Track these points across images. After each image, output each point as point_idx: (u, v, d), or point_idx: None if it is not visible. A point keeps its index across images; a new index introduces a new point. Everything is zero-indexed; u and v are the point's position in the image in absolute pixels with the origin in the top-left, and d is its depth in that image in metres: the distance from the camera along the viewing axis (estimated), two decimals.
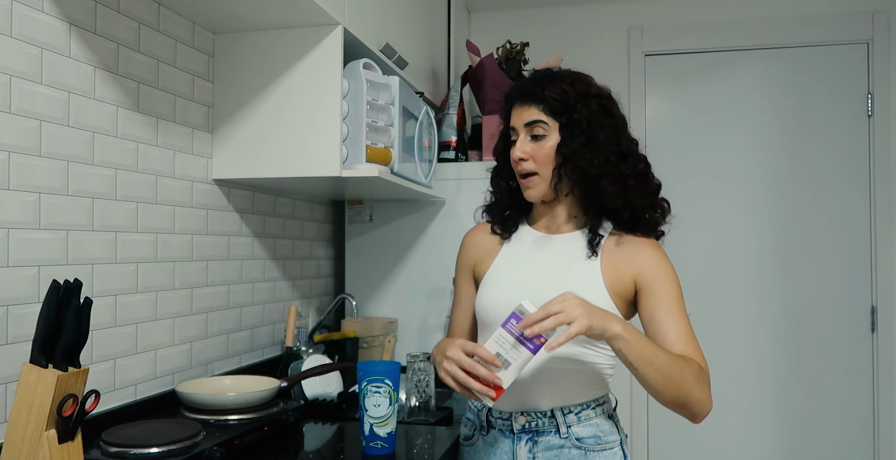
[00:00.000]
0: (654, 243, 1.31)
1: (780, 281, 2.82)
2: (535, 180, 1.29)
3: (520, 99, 1.31)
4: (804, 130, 2.82)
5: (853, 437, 2.74)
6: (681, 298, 1.26)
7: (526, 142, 1.29)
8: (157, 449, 1.14)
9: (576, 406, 1.28)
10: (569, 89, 1.27)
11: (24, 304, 1.17)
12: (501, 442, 1.30)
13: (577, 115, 1.26)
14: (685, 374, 1.14)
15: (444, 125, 2.32)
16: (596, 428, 1.28)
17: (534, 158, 1.29)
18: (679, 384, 1.14)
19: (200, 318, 1.66)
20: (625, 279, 1.27)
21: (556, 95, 1.27)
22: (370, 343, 2.16)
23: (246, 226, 1.85)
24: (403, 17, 2.08)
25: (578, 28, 3.03)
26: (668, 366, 1.13)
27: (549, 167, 1.28)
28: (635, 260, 1.28)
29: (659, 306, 1.24)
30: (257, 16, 1.57)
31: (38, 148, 1.19)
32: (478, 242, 1.43)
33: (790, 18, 2.83)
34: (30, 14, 1.17)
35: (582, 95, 1.28)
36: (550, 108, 1.28)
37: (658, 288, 1.25)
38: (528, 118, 1.29)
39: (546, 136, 1.28)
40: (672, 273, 1.28)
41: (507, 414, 1.30)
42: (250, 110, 1.66)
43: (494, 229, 1.41)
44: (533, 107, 1.29)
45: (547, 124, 1.28)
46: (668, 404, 1.18)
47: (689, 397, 1.15)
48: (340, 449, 1.42)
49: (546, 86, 1.28)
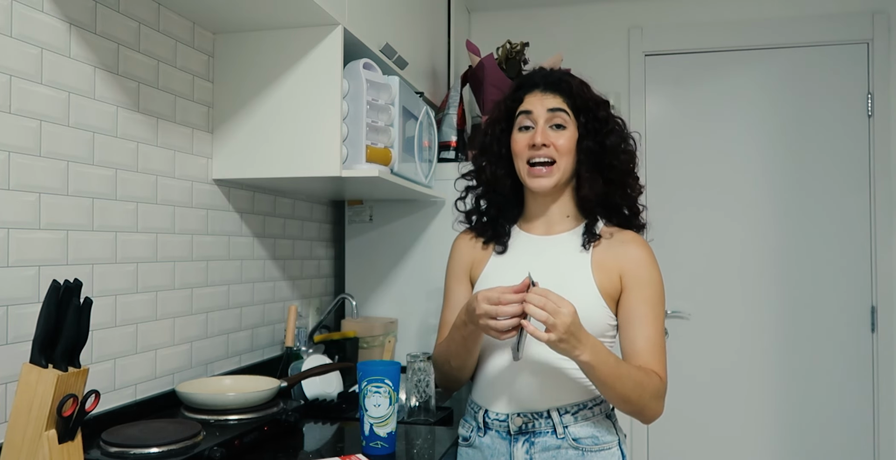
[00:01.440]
0: (642, 241, 1.32)
1: (779, 281, 2.82)
2: (553, 169, 1.28)
3: (544, 86, 1.30)
4: (804, 130, 2.82)
5: (853, 437, 2.74)
6: (659, 304, 1.28)
7: (547, 128, 1.28)
8: (157, 449, 1.14)
9: (572, 406, 1.28)
10: (587, 90, 1.30)
11: (24, 304, 1.17)
12: (499, 443, 1.30)
13: (594, 117, 1.29)
14: (643, 395, 1.21)
15: (444, 125, 2.32)
16: (593, 429, 1.28)
17: (555, 147, 1.27)
18: (636, 402, 1.21)
19: (200, 318, 1.66)
20: (612, 276, 1.28)
21: (581, 93, 1.29)
22: (370, 343, 2.16)
23: (246, 226, 1.85)
24: (403, 17, 2.08)
25: (578, 28, 3.03)
26: (629, 389, 1.19)
27: (567, 159, 1.28)
28: (622, 258, 1.29)
29: (635, 311, 1.26)
30: (257, 16, 1.56)
31: (38, 148, 1.19)
32: (472, 245, 1.42)
33: (790, 18, 2.83)
34: (30, 14, 1.17)
35: (597, 100, 1.31)
36: (574, 103, 1.28)
37: (638, 291, 1.27)
38: (551, 105, 1.28)
39: (566, 128, 1.28)
40: (656, 276, 1.29)
41: (503, 415, 1.30)
42: (250, 110, 1.66)
43: (490, 245, 1.39)
44: (558, 96, 1.29)
45: (568, 116, 1.28)
46: (620, 410, 1.26)
47: (643, 411, 1.23)
48: (340, 449, 1.41)
49: (570, 79, 1.30)
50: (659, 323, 1.27)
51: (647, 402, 1.22)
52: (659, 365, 1.25)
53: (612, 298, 1.29)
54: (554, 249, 1.33)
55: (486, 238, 1.40)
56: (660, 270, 1.30)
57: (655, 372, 1.24)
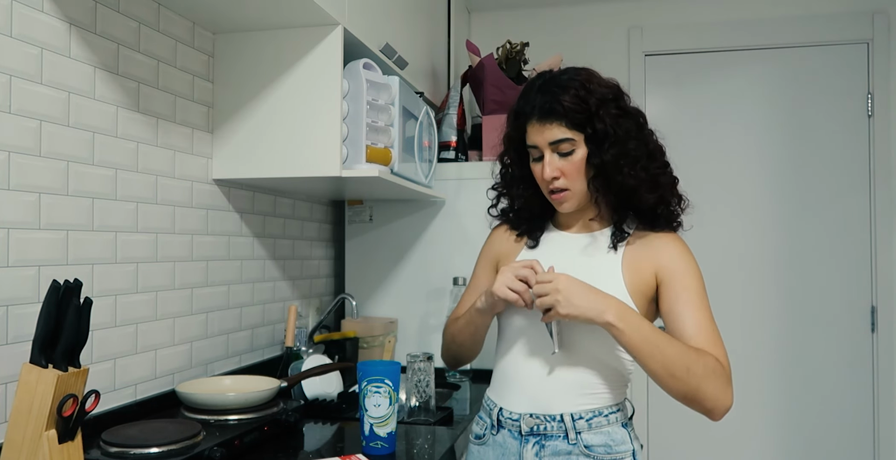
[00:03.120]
0: (676, 237, 1.30)
1: (779, 281, 2.82)
2: (568, 195, 1.27)
3: (538, 116, 1.25)
4: (804, 130, 2.82)
5: (853, 437, 2.74)
6: (702, 291, 1.24)
7: (554, 159, 1.25)
8: (157, 449, 1.14)
9: (588, 412, 1.24)
10: (585, 95, 1.22)
11: (24, 304, 1.17)
12: (510, 443, 1.29)
13: (600, 124, 1.22)
14: (693, 368, 1.12)
15: (444, 125, 2.32)
16: (607, 437, 1.24)
17: (564, 175, 1.25)
18: (684, 378, 1.12)
19: (200, 318, 1.66)
20: (646, 276, 1.25)
21: (576, 106, 1.22)
22: (370, 343, 2.16)
23: (246, 226, 1.85)
24: (403, 17, 2.08)
25: (578, 28, 3.03)
26: (673, 359, 1.12)
27: (580, 180, 1.26)
28: (657, 255, 1.26)
29: (678, 299, 1.22)
30: (257, 16, 1.56)
31: (38, 148, 1.19)
32: (506, 238, 1.43)
33: (790, 18, 2.83)
34: (30, 14, 1.17)
35: (600, 101, 1.23)
36: (573, 122, 1.23)
37: (678, 281, 1.23)
38: (552, 137, 1.24)
39: (574, 151, 1.24)
40: (693, 266, 1.26)
41: (517, 414, 1.28)
42: (250, 110, 1.66)
43: (523, 238, 1.40)
44: (555, 124, 1.23)
45: (574, 140, 1.24)
46: (677, 398, 1.17)
47: (698, 392, 1.13)
48: (340, 449, 1.41)
49: (561, 97, 1.22)
50: (707, 309, 1.22)
51: (700, 381, 1.12)
52: (716, 348, 1.17)
53: (645, 296, 1.25)
54: (584, 247, 1.32)
55: (520, 231, 1.41)
56: (697, 263, 1.26)
57: (711, 354, 1.16)
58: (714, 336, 1.20)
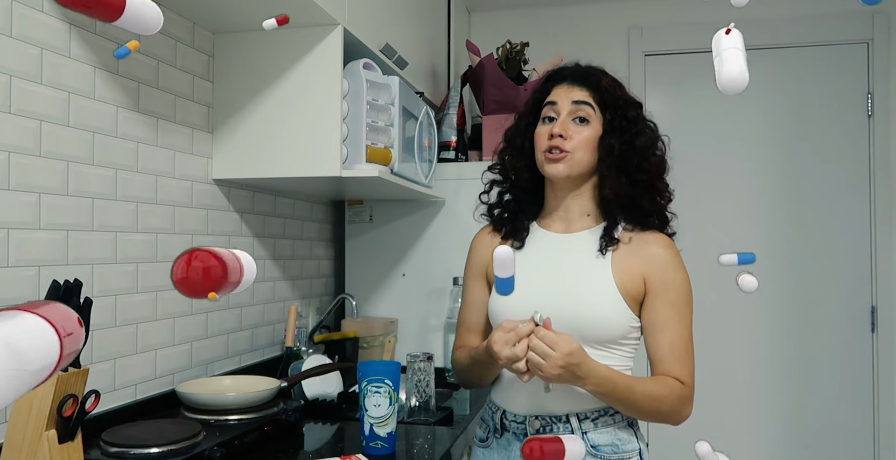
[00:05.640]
0: (668, 242, 1.28)
1: (780, 281, 2.82)
2: (565, 158, 1.24)
3: (572, 79, 1.29)
4: (804, 130, 2.82)
5: (853, 437, 2.74)
6: (685, 306, 1.25)
7: (569, 120, 1.26)
8: (157, 449, 1.15)
9: (593, 412, 1.24)
10: (620, 88, 1.28)
11: None
12: (514, 445, 1.28)
13: (622, 118, 1.25)
14: (661, 408, 1.21)
15: (444, 125, 2.32)
16: (613, 436, 1.24)
17: (571, 139, 1.25)
18: (654, 416, 1.22)
19: (200, 318, 1.66)
20: (635, 278, 1.24)
21: (610, 89, 1.26)
22: (370, 343, 2.16)
23: (246, 226, 1.85)
24: (403, 17, 2.08)
25: (578, 28, 3.03)
26: (645, 406, 1.21)
27: (582, 150, 1.25)
28: (646, 259, 1.25)
29: (660, 314, 1.23)
30: (257, 16, 1.56)
31: (38, 148, 1.19)
32: (488, 244, 1.38)
33: (790, 18, 2.83)
34: (30, 14, 1.17)
35: (628, 102, 1.28)
36: (601, 99, 1.26)
37: (663, 295, 1.23)
38: (577, 97, 1.26)
39: (590, 122, 1.26)
40: (681, 275, 1.25)
41: (521, 417, 1.27)
42: (250, 110, 1.66)
43: (508, 240, 1.36)
44: (585, 89, 1.27)
45: (593, 110, 1.26)
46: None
47: (666, 421, 1.24)
48: (340, 449, 1.41)
49: (600, 76, 1.28)
50: (685, 326, 1.24)
51: (667, 413, 1.22)
52: (683, 370, 1.23)
53: (635, 299, 1.24)
54: (572, 248, 1.29)
55: (504, 233, 1.37)
56: (686, 270, 1.26)
57: (677, 378, 1.22)
58: (685, 356, 1.24)
